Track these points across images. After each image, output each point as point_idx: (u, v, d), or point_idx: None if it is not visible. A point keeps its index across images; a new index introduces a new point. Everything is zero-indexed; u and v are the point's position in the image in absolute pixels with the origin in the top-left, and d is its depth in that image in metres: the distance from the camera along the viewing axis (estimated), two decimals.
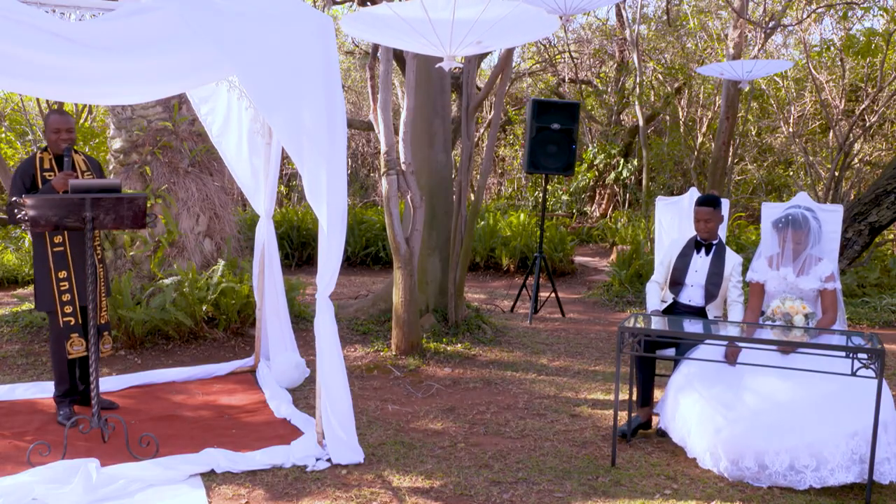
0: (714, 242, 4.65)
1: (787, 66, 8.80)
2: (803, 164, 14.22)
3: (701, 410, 3.97)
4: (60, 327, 4.29)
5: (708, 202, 4.60)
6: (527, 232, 10.83)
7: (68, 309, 4.30)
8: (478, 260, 10.69)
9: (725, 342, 4.00)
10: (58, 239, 4.27)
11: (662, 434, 4.32)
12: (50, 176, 4.28)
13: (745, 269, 4.63)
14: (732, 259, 4.63)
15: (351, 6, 11.19)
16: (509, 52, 6.58)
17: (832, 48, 12.75)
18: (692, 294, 4.63)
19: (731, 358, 4.07)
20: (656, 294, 4.76)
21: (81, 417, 4.06)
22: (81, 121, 11.99)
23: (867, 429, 3.58)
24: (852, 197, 13.38)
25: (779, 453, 3.69)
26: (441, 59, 4.30)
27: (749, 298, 4.44)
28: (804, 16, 12.38)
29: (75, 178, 4.16)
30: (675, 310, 4.65)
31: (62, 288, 4.27)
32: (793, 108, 14.13)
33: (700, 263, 4.65)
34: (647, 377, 4.53)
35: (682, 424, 4.09)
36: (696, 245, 4.70)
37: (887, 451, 3.64)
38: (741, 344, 3.97)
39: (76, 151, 4.45)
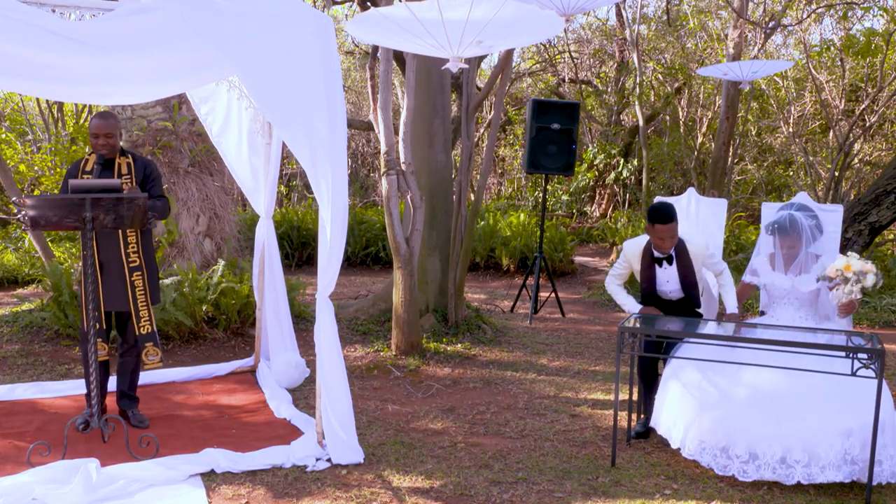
0: (672, 252, 4.39)
1: (788, 66, 8.81)
2: (803, 164, 14.23)
3: (689, 398, 3.94)
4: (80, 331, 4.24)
5: (667, 217, 4.24)
6: (527, 232, 10.83)
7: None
8: (478, 260, 10.69)
9: (727, 342, 3.97)
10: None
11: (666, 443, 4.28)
12: (87, 178, 4.19)
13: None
14: (698, 251, 4.39)
15: (351, 6, 11.20)
16: (509, 52, 6.58)
17: (832, 48, 12.75)
18: (671, 295, 4.53)
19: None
20: (622, 289, 4.58)
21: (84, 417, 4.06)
22: (81, 120, 12.00)
23: (862, 429, 3.56)
24: (852, 197, 13.39)
25: (772, 444, 3.63)
26: (446, 61, 4.30)
27: (740, 289, 4.49)
28: (804, 16, 12.39)
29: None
30: (667, 311, 4.52)
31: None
32: (793, 108, 14.14)
33: (668, 274, 4.42)
34: (649, 388, 4.44)
35: (668, 416, 4.05)
36: (655, 260, 4.42)
37: (881, 453, 3.62)
38: (740, 344, 3.92)
39: (124, 153, 4.29)
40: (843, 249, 8.93)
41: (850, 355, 3.54)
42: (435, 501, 3.54)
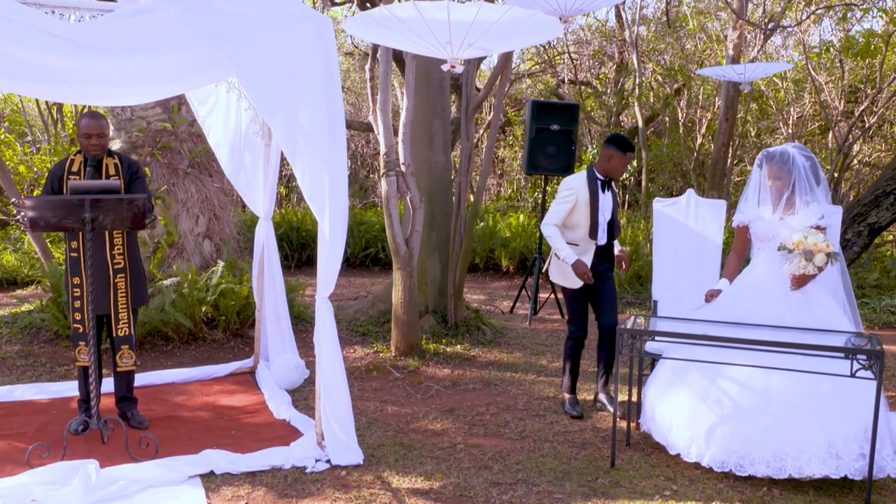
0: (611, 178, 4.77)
1: (787, 68, 8.85)
2: None
3: (687, 404, 3.95)
4: (72, 334, 4.25)
5: (632, 147, 4.64)
6: (526, 233, 10.84)
7: (77, 316, 4.21)
8: (477, 261, 10.69)
9: (726, 344, 3.94)
10: (74, 244, 4.17)
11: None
12: (75, 179, 4.17)
13: None
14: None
15: (350, 7, 11.20)
16: (509, 53, 6.57)
17: (831, 49, 12.76)
18: (603, 235, 4.78)
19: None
20: (560, 235, 4.67)
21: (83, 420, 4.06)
22: None
23: (848, 437, 3.60)
24: (851, 198, 13.39)
25: (765, 444, 3.69)
26: (444, 61, 4.30)
27: (734, 242, 4.44)
28: (803, 17, 12.40)
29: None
30: (596, 254, 4.76)
31: (74, 294, 4.18)
32: (792, 110, 14.14)
33: (605, 203, 4.74)
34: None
35: (662, 421, 4.07)
36: (601, 184, 4.72)
37: (861, 451, 3.63)
38: (737, 346, 3.85)
39: (111, 154, 4.29)
40: (843, 250, 8.94)
41: (850, 357, 3.54)
42: (434, 502, 3.54)
